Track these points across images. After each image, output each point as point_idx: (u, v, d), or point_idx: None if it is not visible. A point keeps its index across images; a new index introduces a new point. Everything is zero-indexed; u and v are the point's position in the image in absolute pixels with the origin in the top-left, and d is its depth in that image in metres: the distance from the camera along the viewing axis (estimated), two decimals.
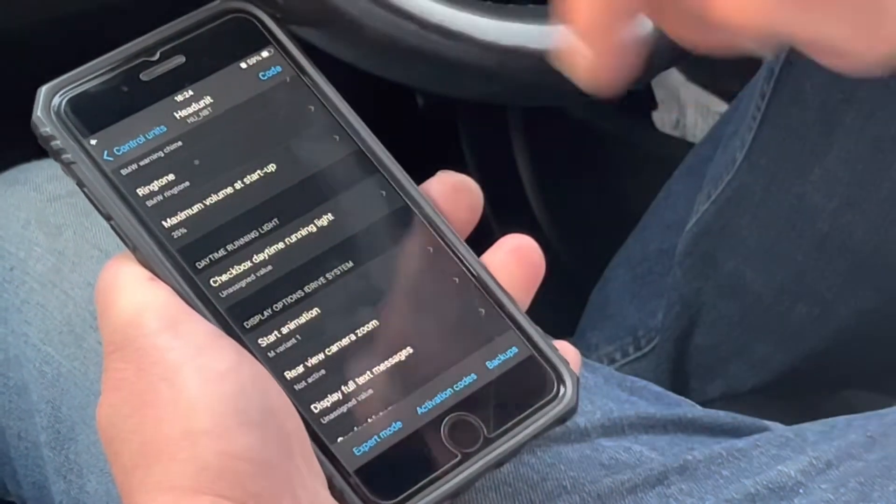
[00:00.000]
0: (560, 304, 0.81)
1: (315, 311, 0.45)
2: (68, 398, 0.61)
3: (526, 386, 0.46)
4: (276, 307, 0.45)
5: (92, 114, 0.45)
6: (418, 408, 0.45)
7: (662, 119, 1.18)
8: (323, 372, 0.44)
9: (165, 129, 0.46)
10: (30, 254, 0.64)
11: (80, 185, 0.44)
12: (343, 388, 0.44)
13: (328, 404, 0.44)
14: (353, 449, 0.43)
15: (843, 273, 0.74)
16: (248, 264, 0.45)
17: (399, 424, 0.44)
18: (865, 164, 0.70)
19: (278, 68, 0.48)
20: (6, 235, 0.65)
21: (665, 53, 0.61)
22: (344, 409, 0.44)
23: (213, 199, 0.45)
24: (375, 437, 0.44)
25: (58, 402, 0.62)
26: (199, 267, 0.44)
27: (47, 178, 0.67)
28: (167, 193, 0.45)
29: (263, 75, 0.48)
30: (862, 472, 0.54)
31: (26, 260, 0.64)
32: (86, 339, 0.61)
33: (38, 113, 0.45)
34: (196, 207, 0.45)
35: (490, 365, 0.46)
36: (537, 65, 0.58)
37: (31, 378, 0.63)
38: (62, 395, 0.61)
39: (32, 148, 0.50)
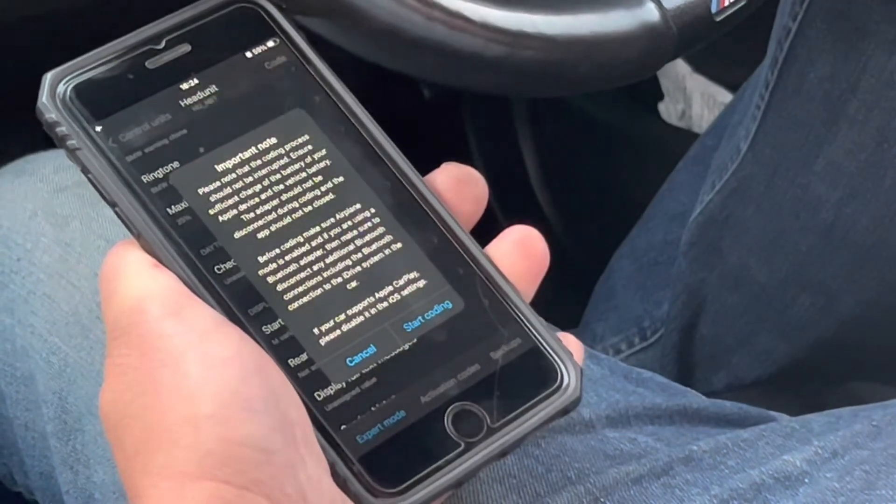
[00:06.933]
0: (565, 295, 0.81)
1: (319, 300, 0.45)
2: (75, 389, 0.61)
3: (529, 377, 0.46)
4: (281, 295, 0.45)
5: (97, 101, 0.45)
6: (422, 397, 0.45)
7: (668, 110, 1.18)
8: (327, 360, 0.44)
9: (170, 116, 0.46)
10: (37, 245, 0.64)
11: (85, 171, 0.45)
12: (347, 376, 0.44)
13: (332, 392, 0.44)
14: (357, 437, 0.44)
15: (847, 263, 0.75)
16: (252, 251, 0.45)
17: (403, 413, 0.44)
18: (869, 154, 0.70)
19: (283, 58, 0.48)
20: (13, 226, 0.66)
21: (671, 43, 0.61)
22: (347, 397, 0.44)
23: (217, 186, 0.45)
24: (379, 425, 0.44)
25: (64, 392, 0.62)
26: (204, 254, 0.44)
27: (54, 169, 0.67)
28: (172, 181, 0.45)
29: (268, 65, 0.48)
30: (867, 460, 0.54)
31: (33, 251, 0.64)
32: (92, 329, 0.61)
33: (44, 99, 0.45)
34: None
35: (494, 355, 0.46)
36: (543, 55, 0.58)
37: (38, 369, 0.63)
38: (69, 385, 0.62)
39: (39, 138, 0.50)
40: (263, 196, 0.46)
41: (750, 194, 0.76)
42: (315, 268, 0.45)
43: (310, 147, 0.47)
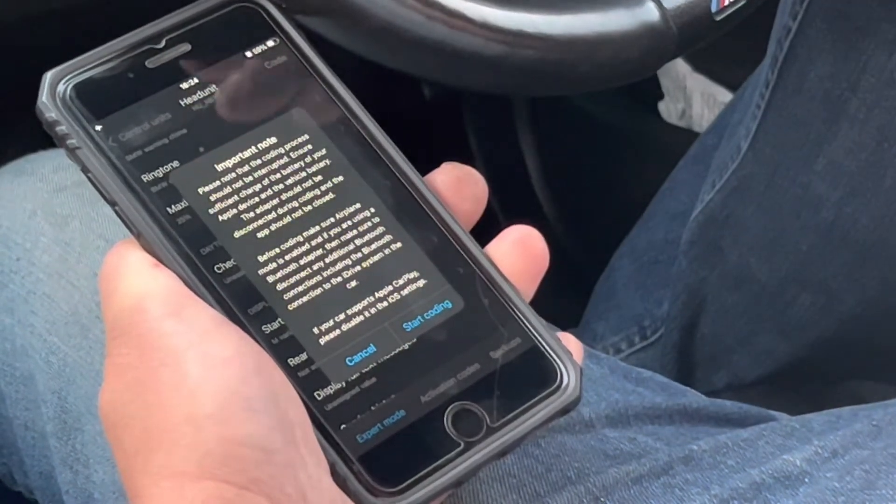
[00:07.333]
0: (565, 295, 0.81)
1: (318, 299, 0.45)
2: (74, 388, 0.61)
3: (529, 376, 0.46)
4: (281, 294, 0.45)
5: (97, 100, 0.45)
6: (422, 396, 0.45)
7: (668, 109, 1.18)
8: (326, 359, 0.44)
9: (170, 116, 0.46)
10: (36, 244, 0.64)
11: (85, 170, 0.45)
12: (347, 376, 0.44)
13: (331, 392, 0.44)
14: (357, 436, 0.44)
15: (847, 263, 0.75)
16: (252, 251, 0.45)
17: (402, 413, 0.44)
18: (869, 153, 0.70)
19: (283, 58, 0.48)
20: (13, 226, 0.66)
21: (671, 43, 0.61)
22: (347, 396, 0.44)
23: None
24: (379, 424, 0.44)
25: (64, 392, 0.62)
26: (204, 253, 0.44)
27: (53, 169, 0.67)
28: (172, 180, 0.45)
29: (268, 65, 0.48)
30: (867, 460, 0.54)
31: (33, 250, 0.64)
32: (92, 329, 0.61)
33: (44, 98, 0.45)
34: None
35: (494, 355, 0.46)
36: (543, 54, 0.58)
37: (38, 368, 0.63)
38: (68, 385, 0.62)
39: (39, 138, 0.50)
40: (263, 196, 0.46)
41: (750, 193, 0.76)
42: (315, 267, 0.45)
43: (310, 147, 0.47)
